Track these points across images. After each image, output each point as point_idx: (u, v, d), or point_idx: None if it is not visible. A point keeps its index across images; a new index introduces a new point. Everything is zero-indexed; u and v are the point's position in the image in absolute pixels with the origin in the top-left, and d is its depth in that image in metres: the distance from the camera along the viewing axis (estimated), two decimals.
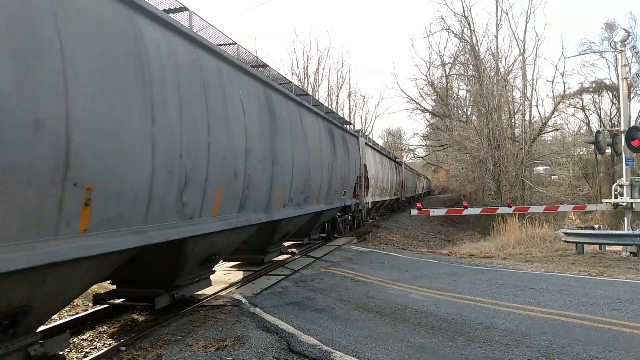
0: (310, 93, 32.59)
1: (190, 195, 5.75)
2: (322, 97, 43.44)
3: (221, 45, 7.40)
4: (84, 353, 5.46)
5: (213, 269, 7.74)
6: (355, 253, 13.49)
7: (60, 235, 3.84)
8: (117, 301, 6.51)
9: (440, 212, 20.27)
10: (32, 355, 4.11)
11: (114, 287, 6.45)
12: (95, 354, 5.25)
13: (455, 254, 14.55)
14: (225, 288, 8.30)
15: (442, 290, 8.24)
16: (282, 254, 11.71)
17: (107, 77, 4.38)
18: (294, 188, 9.81)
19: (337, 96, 44.87)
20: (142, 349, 5.19)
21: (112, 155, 4.37)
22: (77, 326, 6.30)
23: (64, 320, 6.38)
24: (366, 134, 30.37)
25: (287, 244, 13.04)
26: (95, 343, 5.78)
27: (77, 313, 6.82)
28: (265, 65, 9.57)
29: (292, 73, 40.81)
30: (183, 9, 6.33)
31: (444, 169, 52.40)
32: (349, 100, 48.92)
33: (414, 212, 17.71)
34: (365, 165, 19.04)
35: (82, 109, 3.98)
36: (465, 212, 18.22)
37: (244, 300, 7.29)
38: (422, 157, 50.66)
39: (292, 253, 12.41)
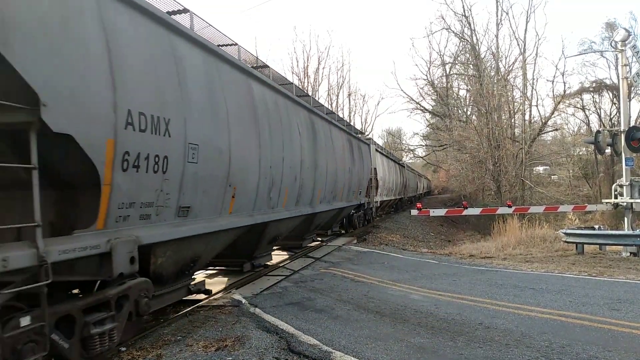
0: (311, 93, 32.57)
1: (273, 193, 8.64)
2: (322, 97, 43.51)
3: (282, 84, 10.12)
4: None
5: (274, 248, 10.84)
6: (355, 253, 13.49)
7: (221, 215, 6.77)
8: (210, 268, 9.23)
9: (440, 212, 20.28)
10: (192, 290, 6.72)
11: None
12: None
13: (455, 254, 14.54)
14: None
15: (442, 290, 8.24)
16: (313, 240, 14.69)
17: (241, 120, 7.20)
18: (327, 189, 12.73)
19: (337, 96, 44.97)
20: (142, 349, 5.19)
21: (243, 167, 7.17)
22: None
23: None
24: (366, 134, 30.76)
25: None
26: None
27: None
28: (307, 95, 13.07)
29: (292, 73, 40.85)
30: (265, 66, 9.75)
31: (443, 169, 52.36)
32: (349, 100, 48.95)
33: (414, 212, 17.72)
34: (375, 168, 21.04)
35: (234, 142, 6.80)
36: (465, 212, 18.24)
37: (243, 301, 7.29)
38: (422, 157, 50.68)
39: (320, 240, 15.19)
